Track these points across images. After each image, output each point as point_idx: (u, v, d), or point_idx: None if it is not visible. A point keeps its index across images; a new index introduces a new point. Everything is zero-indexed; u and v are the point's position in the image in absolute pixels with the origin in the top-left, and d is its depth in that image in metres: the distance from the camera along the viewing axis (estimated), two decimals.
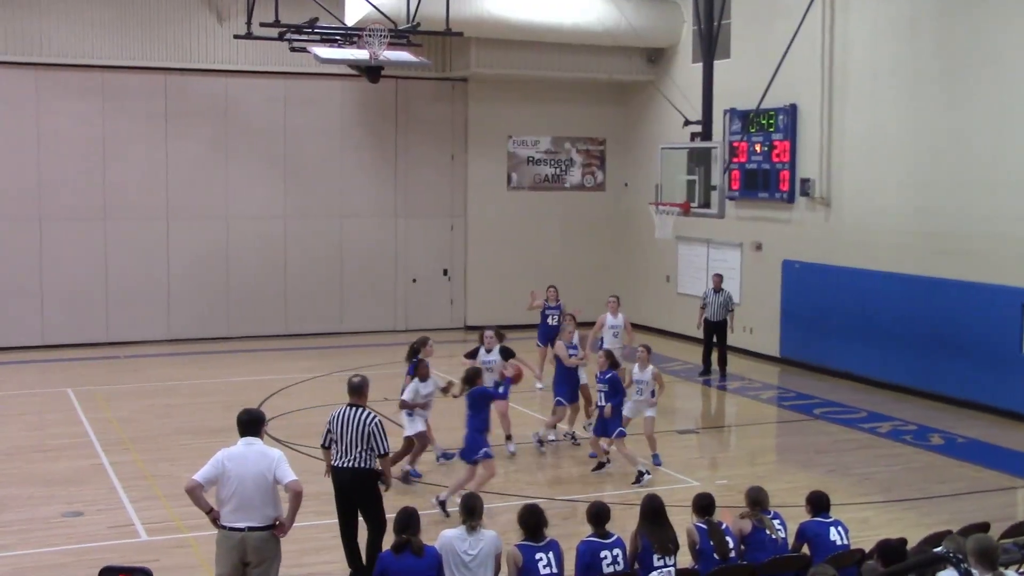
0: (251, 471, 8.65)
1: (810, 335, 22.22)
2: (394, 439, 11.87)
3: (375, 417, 10.48)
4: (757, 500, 9.80)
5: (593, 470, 14.82)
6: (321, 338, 25.46)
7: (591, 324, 18.73)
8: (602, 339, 18.19)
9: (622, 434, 14.34)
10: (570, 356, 15.94)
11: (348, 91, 25.75)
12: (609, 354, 14.91)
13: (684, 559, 9.41)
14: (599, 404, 14.67)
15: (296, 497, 8.68)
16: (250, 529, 8.63)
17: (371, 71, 19.53)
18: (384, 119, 26.36)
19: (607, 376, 14.51)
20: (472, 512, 8.74)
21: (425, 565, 8.44)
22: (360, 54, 18.84)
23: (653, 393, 15.07)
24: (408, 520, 8.60)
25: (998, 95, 18.27)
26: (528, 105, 27.40)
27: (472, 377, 13.39)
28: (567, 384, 16.06)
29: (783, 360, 22.87)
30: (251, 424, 8.94)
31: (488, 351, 15.65)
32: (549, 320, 20.02)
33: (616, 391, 14.47)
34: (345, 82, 25.15)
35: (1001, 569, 7.61)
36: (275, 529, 8.76)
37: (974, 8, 18.76)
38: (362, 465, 10.42)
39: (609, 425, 14.39)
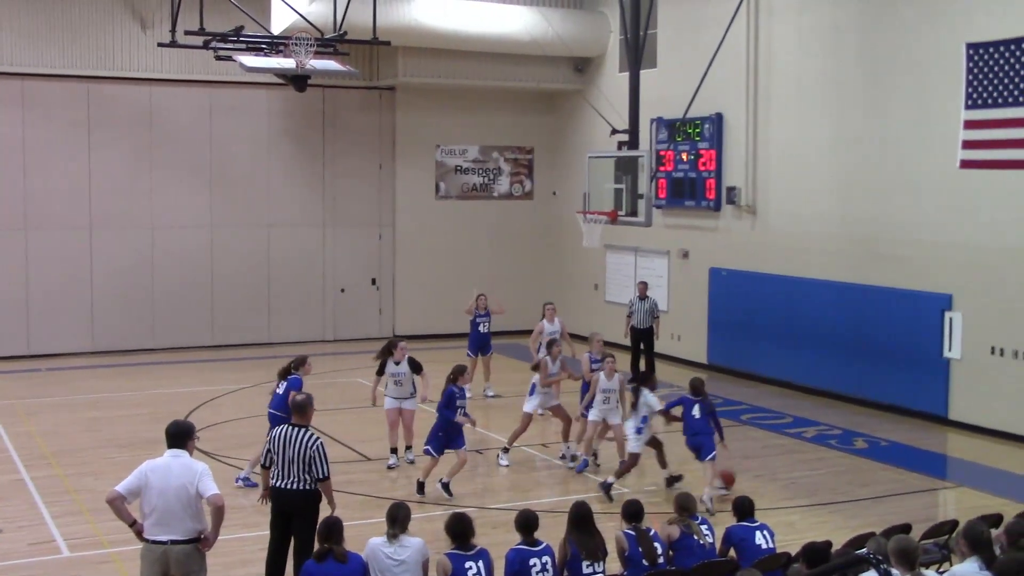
0: (174, 484, 8.54)
1: (737, 342, 22.44)
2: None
3: (317, 440, 10.19)
4: (685, 506, 9.91)
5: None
6: (249, 349, 25.22)
7: (525, 332, 18.74)
8: (540, 346, 18.24)
9: None
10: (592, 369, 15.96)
11: (274, 100, 25.58)
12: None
13: (614, 566, 9.45)
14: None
15: (217, 511, 8.58)
16: (172, 543, 8.53)
17: (297, 80, 19.45)
18: (311, 128, 26.22)
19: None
20: (394, 520, 8.75)
21: (348, 571, 8.44)
22: (286, 63, 18.74)
23: (618, 401, 15.18)
24: (330, 529, 8.61)
25: (919, 103, 18.60)
26: (456, 114, 27.40)
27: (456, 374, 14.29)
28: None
29: (710, 367, 23.05)
30: (178, 436, 8.82)
31: (397, 363, 15.52)
32: (480, 328, 20.05)
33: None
34: (271, 91, 24.99)
35: (921, 569, 7.74)
36: (200, 543, 8.66)
37: (894, 18, 19.10)
38: (302, 487, 10.13)
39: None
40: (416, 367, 15.46)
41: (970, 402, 17.91)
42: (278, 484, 10.26)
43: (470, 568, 8.51)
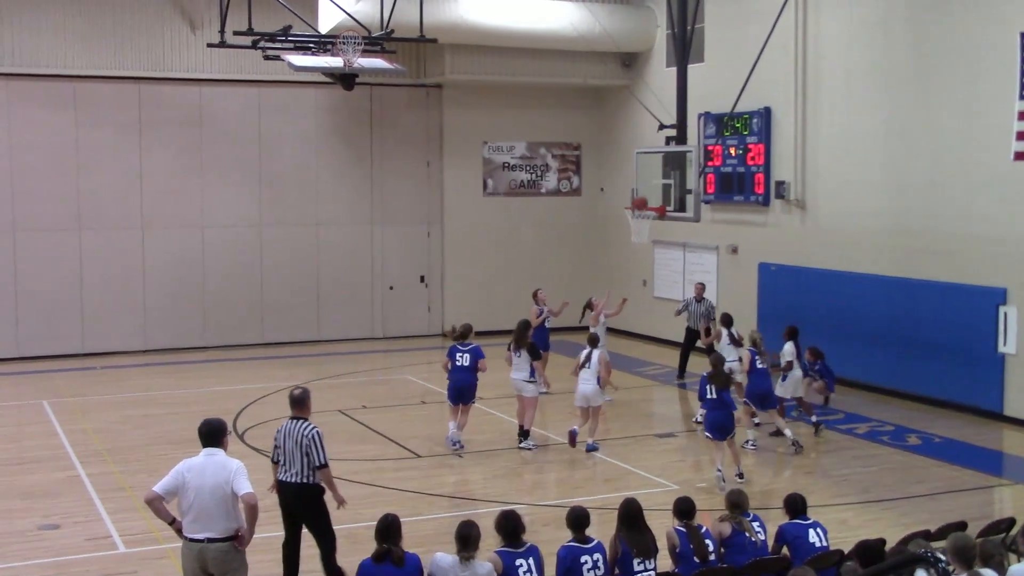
0: (209, 482, 8.66)
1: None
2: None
3: (313, 428, 10.22)
4: (736, 503, 9.85)
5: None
6: (298, 347, 25.39)
7: (571, 329, 18.73)
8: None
9: None
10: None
11: (322, 98, 25.70)
12: None
13: (665, 563, 9.42)
14: None
15: (251, 509, 8.67)
16: (209, 540, 8.66)
17: (345, 78, 19.52)
18: (359, 126, 26.33)
19: None
20: (466, 542, 8.41)
21: (405, 574, 8.36)
22: (334, 61, 18.81)
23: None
24: (388, 528, 8.51)
25: (971, 96, 18.37)
26: (503, 111, 27.42)
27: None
28: None
29: None
30: (211, 435, 8.93)
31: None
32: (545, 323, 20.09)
33: None
34: (319, 90, 25.10)
35: (978, 568, 7.65)
36: (235, 541, 8.74)
37: (944, 9, 18.87)
38: (304, 480, 10.20)
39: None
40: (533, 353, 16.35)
41: None
42: (284, 478, 10.33)
43: (520, 565, 8.52)
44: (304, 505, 10.32)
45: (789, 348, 17.43)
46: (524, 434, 16.21)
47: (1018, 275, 17.69)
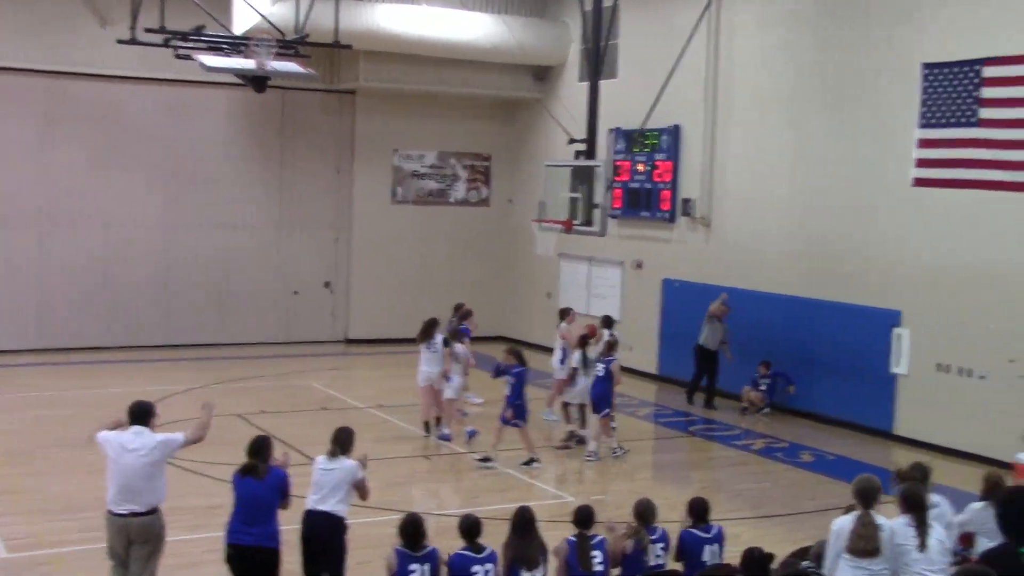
0: (135, 460, 9.22)
1: (688, 353, 22.53)
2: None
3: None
4: (642, 514, 9.81)
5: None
6: (202, 349, 25.07)
7: (482, 339, 18.79)
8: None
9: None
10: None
11: (234, 101, 25.46)
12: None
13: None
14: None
15: (198, 440, 9.81)
16: (133, 514, 9.24)
17: (257, 81, 19.34)
18: (270, 130, 26.14)
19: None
20: (335, 441, 10.02)
21: (265, 486, 9.34)
22: (247, 63, 18.63)
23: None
24: (258, 446, 9.54)
25: (874, 123, 18.82)
26: (415, 119, 27.41)
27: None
28: None
29: (662, 377, 23.19)
30: (140, 415, 9.52)
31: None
32: None
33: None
34: (231, 91, 24.82)
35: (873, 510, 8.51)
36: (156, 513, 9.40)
37: (854, 38, 19.30)
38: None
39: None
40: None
41: (916, 417, 18.13)
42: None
43: (414, 571, 8.56)
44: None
45: (577, 356, 17.58)
46: (436, 424, 17.15)
47: (912, 298, 18.16)
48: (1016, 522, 8.06)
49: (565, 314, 19.62)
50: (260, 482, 9.34)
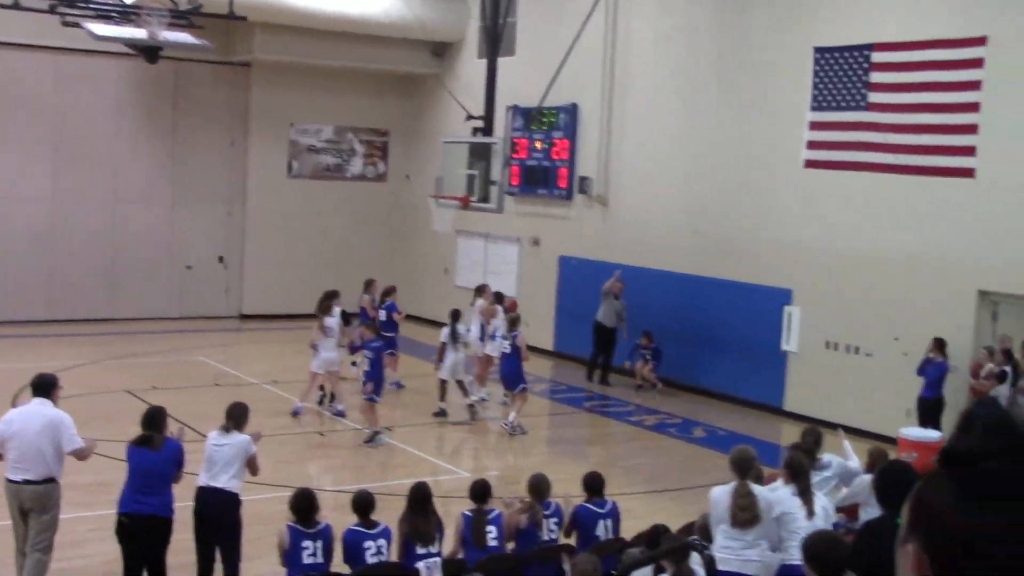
0: (34, 429, 9.33)
1: (584, 330, 22.69)
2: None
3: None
4: (536, 488, 9.90)
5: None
6: (90, 324, 24.52)
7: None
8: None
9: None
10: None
11: (124, 71, 24.87)
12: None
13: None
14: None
15: (84, 459, 9.83)
16: (26, 482, 9.33)
17: (149, 51, 19.02)
18: (161, 102, 25.62)
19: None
20: (229, 416, 10.00)
21: (159, 457, 9.31)
22: (138, 33, 18.33)
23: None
24: (151, 417, 9.56)
25: (767, 105, 19.11)
26: (312, 93, 27.10)
27: None
28: None
29: (557, 354, 23.34)
30: (42, 387, 9.65)
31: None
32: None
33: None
34: (121, 61, 24.24)
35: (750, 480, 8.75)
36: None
37: (749, 21, 19.57)
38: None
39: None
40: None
41: (804, 394, 18.52)
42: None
43: (307, 548, 8.51)
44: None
45: (445, 332, 17.75)
46: (330, 398, 17.27)
47: (803, 277, 18.52)
48: (892, 493, 8.27)
49: (481, 291, 19.64)
50: (156, 453, 9.31)
